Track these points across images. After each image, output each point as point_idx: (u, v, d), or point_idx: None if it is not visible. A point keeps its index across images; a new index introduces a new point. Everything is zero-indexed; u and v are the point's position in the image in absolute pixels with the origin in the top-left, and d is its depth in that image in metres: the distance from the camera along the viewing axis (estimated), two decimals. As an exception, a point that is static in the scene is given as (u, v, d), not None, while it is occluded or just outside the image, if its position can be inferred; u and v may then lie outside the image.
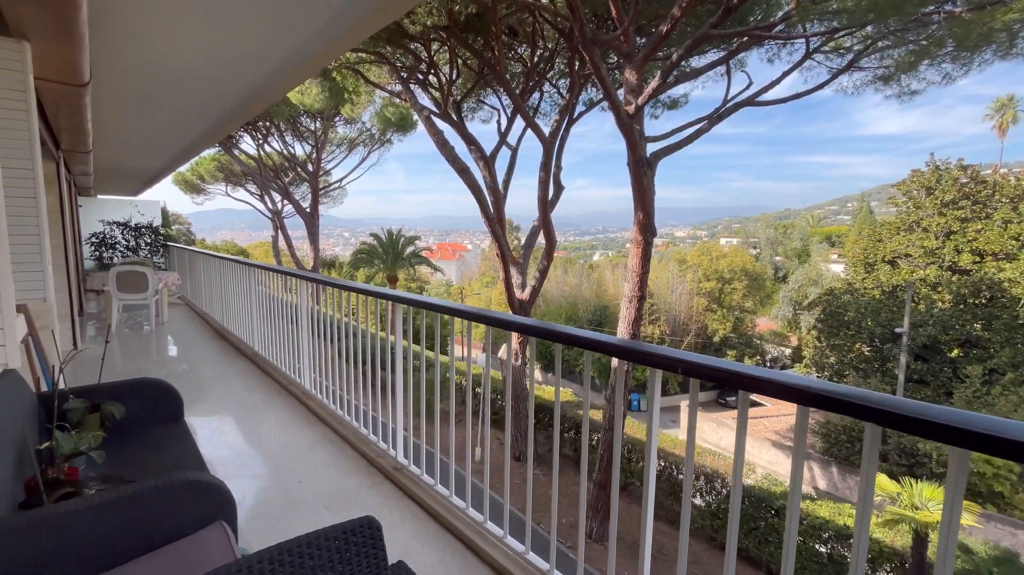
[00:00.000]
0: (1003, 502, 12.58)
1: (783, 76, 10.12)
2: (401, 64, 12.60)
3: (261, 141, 23.73)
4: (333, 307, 3.35)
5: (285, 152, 24.98)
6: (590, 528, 11.89)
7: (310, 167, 25.92)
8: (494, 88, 14.01)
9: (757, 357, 27.32)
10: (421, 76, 13.07)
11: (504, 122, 14.29)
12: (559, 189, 13.58)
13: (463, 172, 12.75)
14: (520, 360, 14.76)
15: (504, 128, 14.18)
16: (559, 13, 9.95)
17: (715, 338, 26.58)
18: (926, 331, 16.74)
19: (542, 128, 12.58)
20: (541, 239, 13.72)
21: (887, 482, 9.76)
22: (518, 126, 14.43)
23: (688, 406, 1.43)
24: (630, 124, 9.03)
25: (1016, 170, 29.90)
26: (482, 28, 11.07)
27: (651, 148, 10.18)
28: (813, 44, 9.78)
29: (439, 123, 12.99)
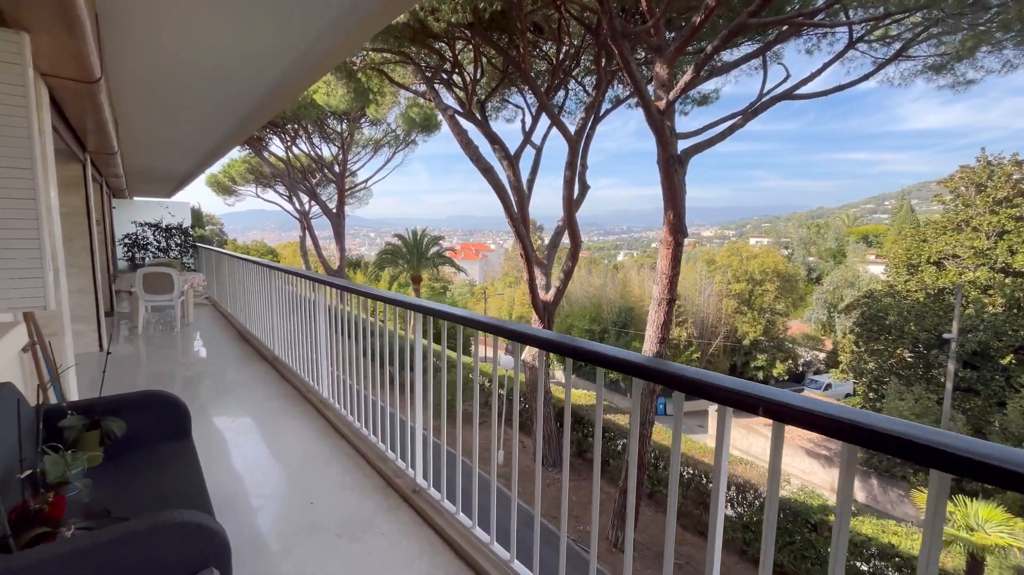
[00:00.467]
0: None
1: (824, 67, 9.59)
2: (426, 64, 12.51)
3: (289, 143, 24.11)
4: (351, 313, 3.17)
5: (312, 154, 25.35)
6: (615, 537, 11.57)
7: (336, 168, 26.23)
8: (519, 86, 13.80)
9: (789, 361, 26.31)
10: (445, 76, 12.95)
11: (529, 121, 14.07)
12: (584, 188, 13.27)
13: (487, 172, 12.57)
14: (543, 362, 14.49)
15: (529, 127, 13.96)
16: (587, 7, 9.66)
17: (745, 341, 25.74)
18: (976, 337, 15.76)
19: (567, 126, 12.30)
20: (565, 239, 13.43)
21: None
22: (543, 125, 14.16)
23: (716, 431, 1.19)
24: (660, 120, 8.68)
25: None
26: (507, 25, 10.88)
27: (681, 145, 9.79)
28: (857, 32, 9.23)
29: (463, 123, 12.85)
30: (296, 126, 22.94)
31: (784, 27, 9.08)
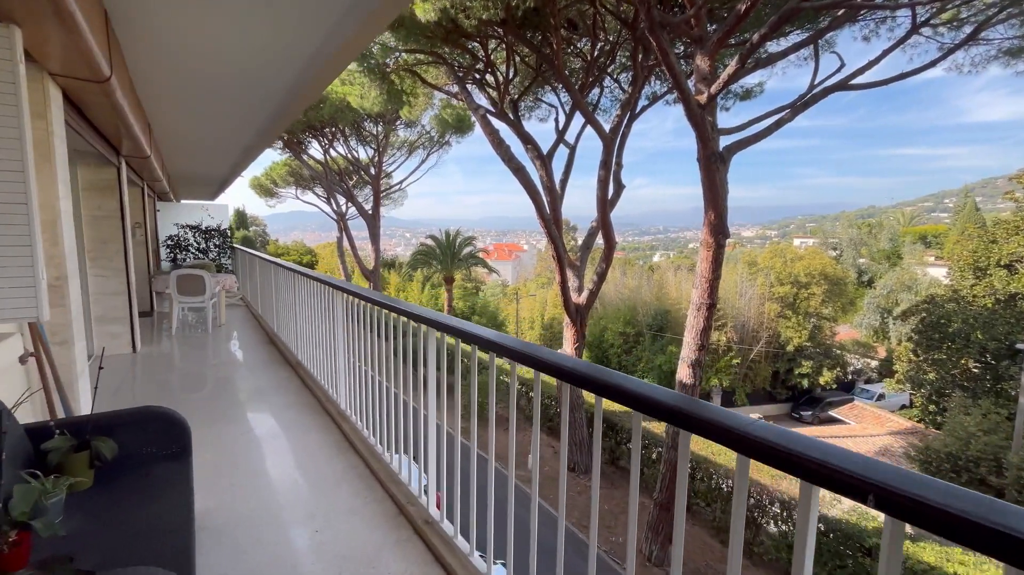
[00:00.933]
0: None
1: (883, 55, 8.85)
2: (459, 64, 12.40)
3: (327, 146, 24.65)
4: (365, 319, 2.99)
5: (349, 156, 25.84)
6: (649, 551, 11.10)
7: (372, 170, 26.65)
8: (552, 85, 13.52)
9: (837, 369, 24.80)
10: (478, 75, 12.80)
11: (562, 119, 13.77)
12: (619, 188, 12.84)
13: (518, 171, 12.33)
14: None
15: (562, 125, 13.65)
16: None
17: (789, 347, 24.44)
18: (1054, 347, 14.36)
19: (602, 124, 11.91)
20: (599, 240, 13.03)
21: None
22: (576, 124, 13.83)
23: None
24: (701, 115, 8.21)
25: None
26: (540, 22, 10.62)
27: (723, 142, 9.25)
28: (921, 16, 8.48)
29: (495, 122, 12.66)
30: (333, 129, 23.42)
31: (839, 12, 8.43)
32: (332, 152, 25.34)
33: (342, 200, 29.77)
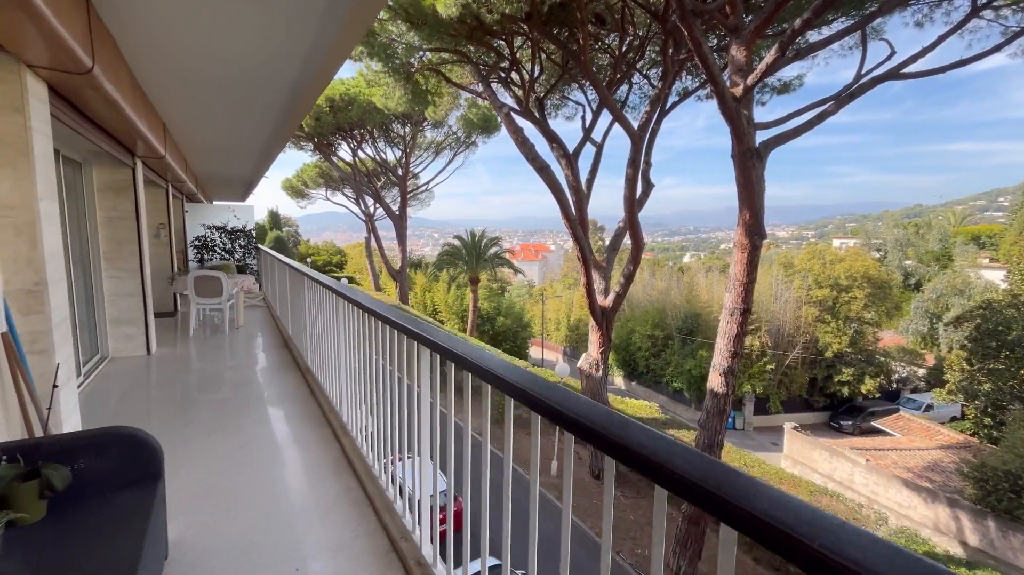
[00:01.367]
0: None
1: (939, 41, 8.15)
2: (483, 63, 12.18)
3: (355, 147, 24.91)
4: (366, 332, 2.75)
5: (377, 158, 26.06)
6: (677, 566, 10.61)
7: (400, 171, 26.80)
8: (579, 82, 13.16)
9: (880, 377, 23.40)
10: (503, 74, 12.56)
11: (589, 117, 13.39)
12: (648, 187, 12.38)
13: (543, 171, 12.02)
14: (601, 371, 13.74)
15: (589, 123, 13.28)
16: (652, -12, 8.86)
17: (827, 353, 23.22)
18: None
19: (631, 122, 11.48)
20: (627, 240, 12.59)
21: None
22: (603, 122, 13.42)
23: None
24: (736, 109, 7.72)
25: None
26: (567, 18, 10.29)
27: (760, 137, 8.72)
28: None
29: (520, 121, 12.38)
30: (362, 131, 23.62)
31: (889, -5, 7.81)
32: (361, 154, 25.61)
33: (370, 201, 30.10)
